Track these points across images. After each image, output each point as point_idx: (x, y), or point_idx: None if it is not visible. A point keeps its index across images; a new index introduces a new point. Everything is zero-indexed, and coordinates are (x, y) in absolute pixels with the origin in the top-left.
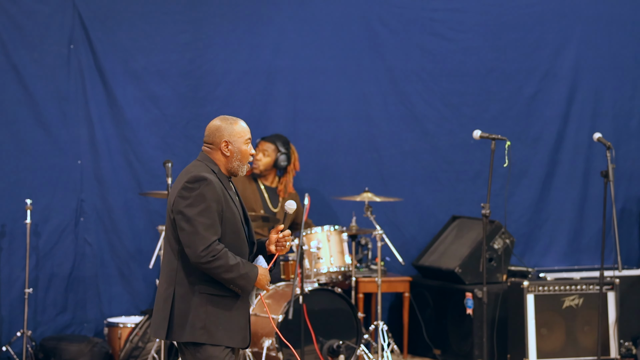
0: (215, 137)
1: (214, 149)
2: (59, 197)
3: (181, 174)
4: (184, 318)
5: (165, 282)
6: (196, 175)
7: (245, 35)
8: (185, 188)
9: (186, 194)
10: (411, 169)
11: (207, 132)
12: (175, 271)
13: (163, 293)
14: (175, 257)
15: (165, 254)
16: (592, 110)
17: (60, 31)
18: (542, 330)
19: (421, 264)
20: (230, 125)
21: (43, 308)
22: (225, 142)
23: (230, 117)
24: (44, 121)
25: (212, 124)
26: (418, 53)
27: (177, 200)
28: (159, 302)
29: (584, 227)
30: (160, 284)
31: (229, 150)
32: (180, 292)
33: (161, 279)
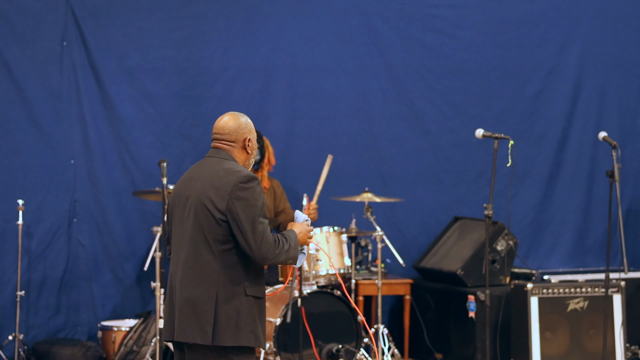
0: (238, 135)
1: (235, 147)
2: (52, 197)
3: (217, 173)
4: (231, 321)
5: (201, 284)
6: (248, 174)
7: (243, 31)
8: (240, 189)
9: (242, 194)
10: (412, 169)
11: (226, 129)
12: (217, 273)
13: (201, 296)
14: (216, 258)
15: (196, 255)
16: (598, 109)
17: (53, 28)
18: (546, 333)
19: (422, 266)
20: (248, 122)
21: (35, 311)
22: (249, 140)
23: (242, 114)
24: (36, 120)
25: (232, 121)
26: (419, 50)
27: (233, 202)
28: (194, 305)
29: (589, 228)
30: (192, 286)
31: (250, 147)
32: (225, 295)
33: (192, 281)
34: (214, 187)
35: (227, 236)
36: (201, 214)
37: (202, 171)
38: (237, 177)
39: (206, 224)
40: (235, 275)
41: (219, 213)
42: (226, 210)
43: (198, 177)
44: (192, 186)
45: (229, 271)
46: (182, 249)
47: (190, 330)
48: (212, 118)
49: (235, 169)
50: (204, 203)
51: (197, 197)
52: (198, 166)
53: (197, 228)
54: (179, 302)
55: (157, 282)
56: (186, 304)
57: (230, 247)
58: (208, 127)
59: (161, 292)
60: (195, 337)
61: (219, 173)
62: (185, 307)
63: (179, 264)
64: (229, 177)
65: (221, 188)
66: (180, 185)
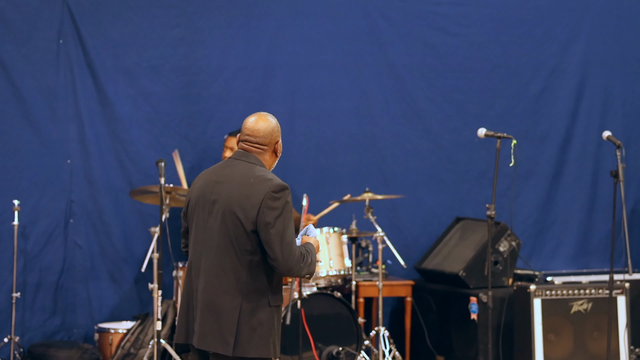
0: (271, 138)
1: (266, 150)
2: (48, 197)
3: (247, 180)
4: (253, 332)
5: (226, 293)
6: (280, 183)
7: (241, 29)
8: (272, 198)
9: (274, 204)
10: (413, 169)
11: (260, 132)
12: (243, 283)
13: (225, 305)
14: (243, 267)
15: (222, 263)
16: (602, 108)
17: (49, 25)
18: (549, 336)
19: (424, 267)
20: (278, 123)
21: (31, 313)
22: (279, 143)
23: (271, 115)
24: (32, 119)
25: (264, 123)
26: (421, 48)
27: (264, 212)
28: (217, 314)
29: (593, 229)
30: (216, 294)
31: (279, 150)
32: (249, 306)
33: (216, 289)
34: (245, 195)
35: (255, 246)
36: (230, 222)
37: (230, 175)
38: (269, 186)
39: (234, 233)
40: (260, 286)
41: (249, 223)
42: (256, 220)
43: (226, 182)
44: (220, 190)
45: (255, 281)
46: (206, 255)
47: (212, 339)
48: (211, 117)
49: (266, 176)
50: (234, 212)
51: (227, 204)
52: (224, 168)
53: (224, 236)
54: (201, 309)
55: (154, 283)
56: (209, 312)
57: (257, 258)
58: (206, 126)
59: (159, 293)
60: (216, 347)
61: (250, 180)
62: (208, 315)
63: (201, 269)
64: (260, 185)
65: (252, 197)
66: (204, 187)
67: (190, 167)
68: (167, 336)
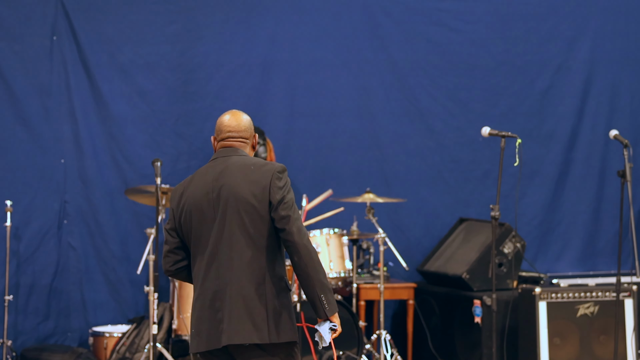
0: (251, 131)
1: (247, 144)
2: (41, 198)
3: (247, 168)
4: (279, 317)
5: (250, 283)
6: (280, 164)
7: (240, 25)
8: (278, 178)
9: (280, 183)
10: (416, 169)
11: (242, 127)
12: (264, 269)
13: (252, 294)
14: (262, 254)
15: (241, 254)
16: (609, 106)
17: (43, 22)
18: (555, 339)
19: (426, 270)
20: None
21: (24, 316)
22: (256, 136)
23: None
24: (25, 117)
25: (243, 117)
26: (423, 45)
27: (274, 191)
28: (246, 305)
29: (600, 230)
30: (240, 286)
31: (255, 144)
32: (272, 291)
33: (239, 281)
34: (252, 181)
35: (270, 230)
36: (244, 211)
37: (227, 170)
38: (273, 168)
39: (250, 220)
40: (279, 270)
41: (263, 205)
42: (269, 200)
43: (225, 177)
44: (222, 186)
45: (274, 266)
46: (224, 253)
47: (245, 331)
48: (208, 115)
49: (263, 162)
50: (246, 199)
51: (235, 195)
52: (216, 167)
53: (240, 226)
54: (229, 305)
55: (150, 286)
56: (238, 304)
57: (272, 242)
58: (203, 125)
59: (155, 296)
60: (251, 337)
61: (250, 167)
62: (238, 308)
63: (222, 269)
64: (263, 168)
65: (260, 180)
66: (200, 191)
67: (186, 167)
68: (163, 340)
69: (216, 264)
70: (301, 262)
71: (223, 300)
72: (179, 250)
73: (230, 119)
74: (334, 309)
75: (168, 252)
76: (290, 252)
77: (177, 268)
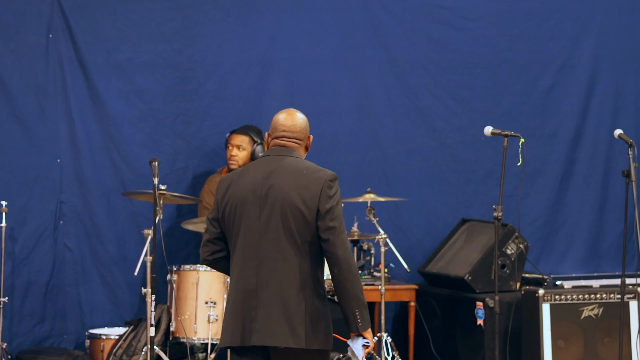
0: (306, 133)
1: (301, 145)
2: (37, 198)
3: (299, 172)
4: (318, 323)
5: (291, 286)
6: (333, 172)
7: (238, 23)
8: (330, 187)
9: (331, 192)
10: (417, 169)
11: (297, 127)
12: (306, 274)
13: (292, 298)
14: (305, 259)
15: (284, 256)
16: (613, 104)
17: (38, 19)
18: (558, 342)
19: (428, 271)
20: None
21: (19, 318)
22: (311, 138)
23: (298, 111)
24: (21, 116)
25: (299, 118)
26: (424, 43)
27: (324, 200)
28: (285, 308)
29: (604, 231)
30: (281, 288)
31: (309, 146)
32: (312, 296)
33: (280, 283)
34: (302, 185)
35: (314, 237)
36: (290, 214)
37: (279, 170)
38: (325, 175)
39: (295, 224)
40: (319, 276)
41: (311, 212)
42: (318, 208)
43: (276, 176)
44: (272, 185)
45: (315, 272)
46: (265, 251)
47: (281, 334)
48: (206, 114)
49: (315, 167)
50: (294, 203)
51: (284, 197)
52: (268, 165)
53: (285, 229)
54: (266, 305)
55: (148, 287)
56: (276, 306)
57: (315, 248)
58: (201, 124)
59: (152, 298)
60: (287, 341)
61: (303, 172)
62: (275, 310)
63: (260, 267)
64: (315, 175)
65: (310, 186)
66: (249, 185)
67: (184, 167)
68: (161, 342)
69: (256, 263)
70: (340, 275)
71: (259, 300)
72: (218, 240)
73: (285, 118)
74: (366, 325)
75: (207, 241)
76: (331, 264)
77: (215, 258)
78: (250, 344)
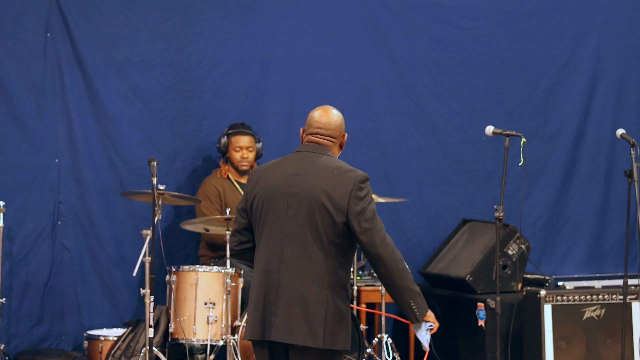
0: (341, 131)
1: (335, 143)
2: (35, 198)
3: (330, 171)
4: (338, 324)
5: (313, 285)
6: (364, 173)
7: (238, 22)
8: (359, 188)
9: (361, 194)
10: (417, 168)
11: (332, 125)
12: (329, 274)
13: (314, 297)
14: (329, 258)
15: (308, 254)
16: (615, 104)
17: (36, 18)
18: (560, 343)
19: (429, 272)
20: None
21: (17, 319)
22: (345, 136)
23: (334, 107)
24: (18, 116)
25: (334, 116)
26: (425, 41)
27: (354, 202)
28: (305, 306)
29: (606, 231)
30: (303, 286)
31: (343, 144)
32: (334, 297)
33: (303, 281)
34: (332, 185)
35: (341, 237)
36: (318, 213)
37: (310, 167)
38: (356, 176)
39: (322, 223)
40: (343, 277)
41: (339, 213)
42: (347, 210)
43: (307, 174)
44: (301, 183)
45: (339, 272)
46: (289, 247)
47: (299, 332)
48: (205, 114)
49: (347, 167)
50: (321, 202)
51: (312, 195)
52: (300, 161)
53: (311, 227)
54: (286, 302)
55: (146, 288)
56: (296, 304)
57: (341, 249)
58: (200, 123)
59: (151, 299)
60: (305, 339)
61: (333, 171)
62: (295, 308)
63: (283, 263)
64: (345, 175)
65: (340, 187)
66: (280, 180)
67: (183, 167)
68: (160, 344)
69: (279, 258)
70: (387, 273)
71: (279, 295)
72: (246, 231)
73: (320, 115)
74: (424, 311)
75: (235, 231)
76: (376, 265)
77: (242, 249)
78: (269, 338)
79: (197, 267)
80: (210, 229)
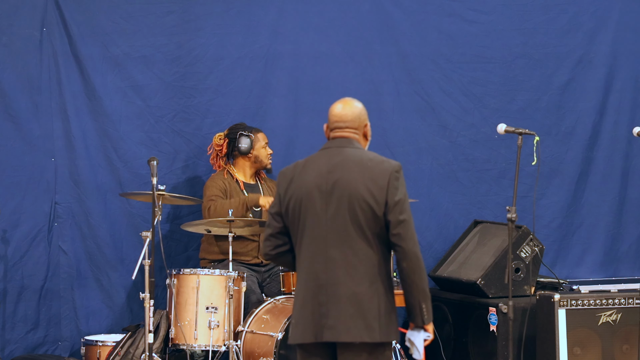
0: (360, 122)
1: (358, 134)
2: (30, 199)
3: (364, 164)
4: (389, 316)
5: (364, 280)
6: (397, 162)
7: (241, 16)
8: (396, 178)
9: (397, 183)
10: (427, 168)
11: (349, 116)
12: (377, 267)
13: (365, 292)
14: (375, 252)
15: (354, 251)
16: (632, 101)
17: (32, 12)
18: (575, 349)
19: (439, 275)
20: (364, 108)
21: (12, 324)
22: (368, 126)
23: (355, 99)
24: (13, 114)
25: (353, 106)
26: (435, 36)
27: (392, 192)
28: (359, 303)
29: (623, 233)
30: (354, 283)
31: (368, 133)
32: (383, 290)
33: (353, 278)
34: (369, 178)
35: (383, 230)
36: (359, 208)
37: (343, 163)
38: (391, 166)
39: (364, 218)
40: (388, 269)
41: (380, 205)
42: (387, 201)
43: (341, 170)
44: (337, 180)
45: (385, 265)
46: (334, 246)
47: (355, 329)
48: (207, 112)
49: (379, 158)
50: (362, 197)
51: (351, 191)
52: (331, 158)
53: (354, 223)
54: (338, 300)
55: (146, 292)
56: (349, 301)
57: (384, 241)
58: (202, 121)
59: (151, 303)
60: (362, 336)
61: (367, 164)
62: (348, 305)
63: (330, 262)
64: (380, 166)
65: (377, 179)
66: (314, 179)
67: (184, 166)
68: (160, 349)
69: (325, 258)
70: (410, 269)
71: (330, 295)
72: (281, 235)
73: (336, 107)
74: (430, 319)
75: (270, 235)
76: (400, 257)
77: (278, 252)
78: (322, 340)
79: (199, 270)
80: (212, 230)
